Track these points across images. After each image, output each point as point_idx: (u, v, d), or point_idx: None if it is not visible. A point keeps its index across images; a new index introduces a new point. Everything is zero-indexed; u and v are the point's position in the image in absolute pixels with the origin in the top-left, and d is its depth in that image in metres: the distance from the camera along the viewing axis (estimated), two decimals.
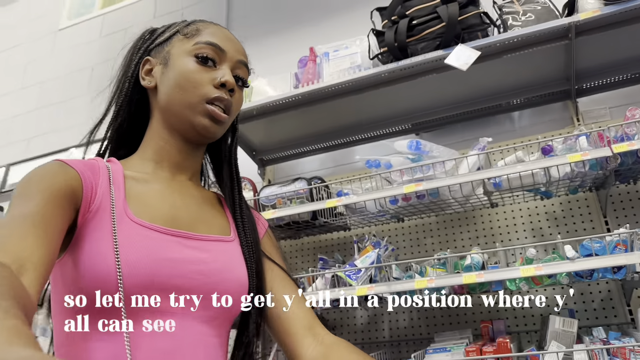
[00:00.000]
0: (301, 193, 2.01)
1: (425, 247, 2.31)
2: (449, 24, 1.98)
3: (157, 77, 0.94)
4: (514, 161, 1.80)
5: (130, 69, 0.97)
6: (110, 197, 0.83)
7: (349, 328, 2.33)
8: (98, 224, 0.79)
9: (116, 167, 0.88)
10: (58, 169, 0.78)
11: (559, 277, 1.63)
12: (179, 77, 0.90)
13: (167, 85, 0.91)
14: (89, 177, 0.81)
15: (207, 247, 0.87)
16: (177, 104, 0.90)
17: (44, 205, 0.71)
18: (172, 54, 0.93)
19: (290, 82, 2.30)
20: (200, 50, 0.91)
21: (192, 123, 0.90)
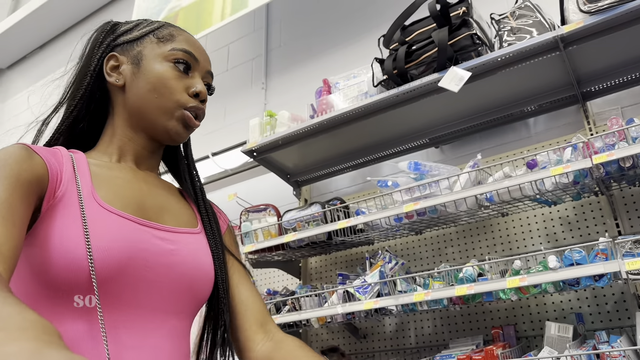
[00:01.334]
0: (316, 216, 2.22)
1: (447, 257, 2.43)
2: (440, 48, 2.09)
3: (127, 76, 0.93)
4: (501, 177, 1.89)
5: (92, 63, 0.95)
6: (76, 182, 0.81)
7: (379, 335, 2.50)
8: (65, 210, 0.77)
9: (79, 155, 0.88)
10: (24, 154, 0.76)
11: (544, 286, 1.71)
12: (155, 81, 0.91)
13: (140, 87, 0.92)
14: (53, 163, 0.80)
15: (176, 239, 0.88)
16: (151, 107, 0.91)
17: (10, 194, 0.69)
18: (145, 56, 0.93)
19: (307, 112, 2.51)
20: (177, 57, 0.93)
21: (165, 127, 0.92)
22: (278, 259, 2.59)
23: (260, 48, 3.70)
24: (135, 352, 0.78)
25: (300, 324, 2.27)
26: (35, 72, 5.69)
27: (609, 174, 1.75)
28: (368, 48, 2.93)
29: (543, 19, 2.06)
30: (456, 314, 2.33)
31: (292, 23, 3.66)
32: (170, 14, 3.76)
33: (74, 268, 0.74)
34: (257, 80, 3.61)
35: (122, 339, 0.77)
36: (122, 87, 0.94)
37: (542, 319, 2.11)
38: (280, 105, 3.30)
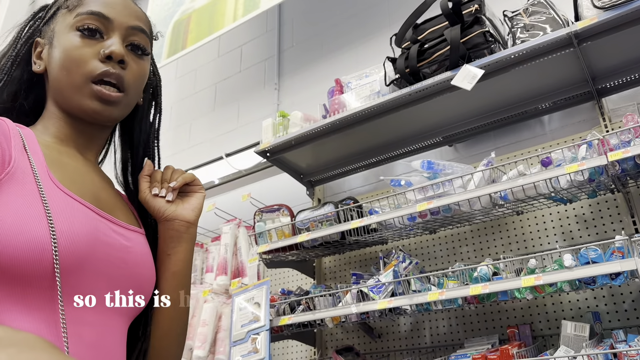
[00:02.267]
0: (330, 216, 2.22)
1: (461, 256, 2.41)
2: (452, 46, 2.08)
3: (45, 59, 0.85)
4: (516, 175, 1.88)
5: (16, 50, 0.86)
6: (29, 159, 0.72)
7: (394, 335, 2.49)
8: (18, 189, 0.68)
9: (26, 131, 0.78)
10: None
11: (560, 285, 1.69)
12: (62, 57, 0.81)
13: (53, 68, 0.82)
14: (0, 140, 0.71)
15: (128, 236, 0.82)
16: (64, 87, 0.81)
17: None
18: (55, 32, 0.84)
19: (319, 112, 2.51)
20: (82, 22, 0.82)
21: (81, 107, 0.81)
22: (292, 258, 2.60)
23: (272, 49, 3.71)
24: (94, 350, 0.71)
25: (314, 323, 2.27)
26: None
27: (625, 171, 1.73)
28: (380, 47, 2.92)
29: (556, 15, 2.05)
30: (471, 314, 2.31)
31: (304, 23, 3.67)
32: (183, 16, 3.79)
33: (35, 250, 0.64)
34: (270, 80, 3.62)
35: (82, 336, 0.70)
36: (46, 73, 0.86)
37: (558, 318, 2.09)
38: (293, 105, 3.31)
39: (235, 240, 2.89)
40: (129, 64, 0.84)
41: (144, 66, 0.88)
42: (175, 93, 4.25)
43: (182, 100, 4.18)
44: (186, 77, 4.24)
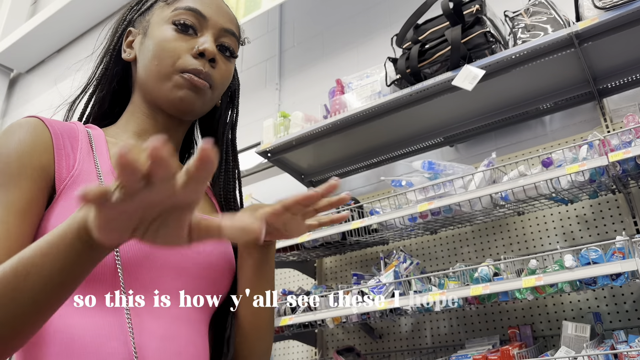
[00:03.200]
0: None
1: (462, 257, 2.41)
2: (453, 46, 2.08)
3: (137, 48, 0.89)
4: (517, 175, 1.88)
5: (112, 41, 0.93)
6: (94, 160, 0.77)
7: (395, 335, 2.49)
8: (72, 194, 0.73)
9: (97, 132, 0.83)
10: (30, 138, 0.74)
11: (560, 286, 1.69)
12: (155, 47, 0.84)
13: (144, 57, 0.86)
14: (62, 143, 0.76)
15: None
16: (153, 75, 0.85)
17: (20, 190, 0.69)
18: (151, 23, 0.88)
19: (320, 112, 2.51)
20: (178, 17, 0.85)
21: (167, 96, 0.84)
22: (293, 259, 2.60)
23: (274, 49, 3.72)
24: (166, 342, 0.73)
25: (315, 324, 2.27)
26: (53, 76, 5.78)
27: (626, 171, 1.73)
28: (381, 47, 2.93)
29: (557, 15, 2.05)
30: (472, 314, 2.31)
31: (305, 23, 3.67)
32: None
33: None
34: (271, 81, 3.62)
35: (151, 328, 0.72)
36: (135, 61, 0.89)
37: (559, 319, 2.09)
38: (294, 105, 3.32)
39: None
40: (218, 63, 0.86)
41: (230, 68, 0.90)
42: None
43: None
44: None
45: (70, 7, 5.13)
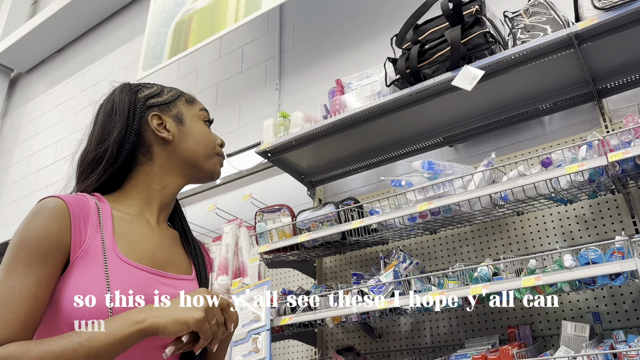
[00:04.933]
0: (330, 216, 2.23)
1: (462, 256, 2.42)
2: (453, 46, 2.09)
3: (174, 132, 1.12)
4: (516, 175, 1.88)
5: (134, 121, 1.09)
6: (101, 236, 0.95)
7: (394, 335, 2.50)
8: (89, 262, 0.91)
9: (105, 206, 1.01)
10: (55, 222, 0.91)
11: (560, 285, 1.70)
12: (202, 137, 1.15)
13: (188, 142, 1.13)
14: (78, 222, 0.93)
15: (177, 285, 1.03)
16: (199, 156, 1.14)
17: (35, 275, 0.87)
18: (185, 116, 1.16)
19: (320, 113, 2.52)
20: (206, 117, 1.20)
21: (211, 170, 1.17)
22: (293, 259, 2.60)
23: (274, 49, 3.72)
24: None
25: (315, 323, 2.28)
26: (53, 76, 5.78)
27: (625, 171, 1.73)
28: (380, 48, 2.94)
29: (557, 16, 2.05)
30: (472, 314, 2.32)
31: (305, 24, 3.67)
32: (184, 17, 3.80)
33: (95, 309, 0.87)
34: (271, 81, 3.63)
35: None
36: (164, 142, 1.11)
37: (558, 318, 2.09)
38: (294, 105, 3.32)
39: (237, 241, 2.90)
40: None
41: None
42: None
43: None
44: (187, 78, 4.24)
45: (70, 7, 5.14)
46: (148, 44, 3.95)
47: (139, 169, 1.10)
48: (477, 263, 2.11)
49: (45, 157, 5.19)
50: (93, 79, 5.20)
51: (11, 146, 5.80)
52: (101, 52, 5.29)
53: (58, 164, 5.00)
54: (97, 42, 5.42)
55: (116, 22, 5.34)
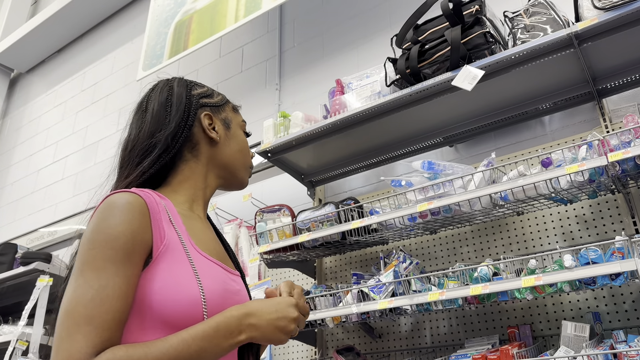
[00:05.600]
0: (330, 216, 2.23)
1: (462, 256, 2.42)
2: (453, 46, 2.09)
3: (221, 135, 1.14)
4: (516, 175, 1.88)
5: (189, 117, 1.09)
6: (176, 232, 0.95)
7: (394, 335, 2.50)
8: (173, 258, 0.91)
9: (167, 202, 1.00)
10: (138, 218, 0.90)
11: (560, 285, 1.70)
12: (242, 146, 1.19)
13: (231, 147, 1.16)
14: (155, 217, 0.93)
15: (237, 280, 1.05)
16: (238, 163, 1.17)
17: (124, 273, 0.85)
18: (231, 122, 1.18)
19: (320, 113, 2.52)
20: (245, 128, 1.24)
21: (242, 179, 1.19)
22: (293, 259, 2.60)
23: (274, 49, 3.72)
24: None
25: (315, 323, 2.28)
26: (53, 76, 5.79)
27: (625, 171, 1.73)
28: (381, 48, 2.93)
29: (557, 16, 2.05)
30: (472, 314, 2.32)
31: (305, 24, 3.67)
32: (184, 17, 3.80)
33: (191, 305, 0.87)
34: (271, 81, 3.63)
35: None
36: (211, 141, 1.12)
37: (558, 318, 2.09)
38: (294, 105, 3.32)
39: (237, 241, 2.90)
40: None
41: None
42: None
43: None
44: (188, 78, 4.23)
45: (70, 7, 5.14)
46: (148, 44, 3.95)
47: (185, 165, 1.10)
48: (477, 263, 2.11)
49: (45, 157, 5.20)
50: (93, 79, 5.20)
51: (11, 146, 5.80)
52: (101, 52, 5.29)
53: (58, 164, 5.00)
54: (97, 42, 5.42)
55: (116, 22, 5.34)
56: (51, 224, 4.47)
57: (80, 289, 0.82)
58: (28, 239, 4.69)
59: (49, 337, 3.14)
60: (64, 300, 0.83)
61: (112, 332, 0.81)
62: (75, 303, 0.81)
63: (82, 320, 0.79)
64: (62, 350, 0.78)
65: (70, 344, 0.77)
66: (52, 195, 4.85)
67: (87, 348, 0.77)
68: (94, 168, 4.56)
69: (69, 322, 0.79)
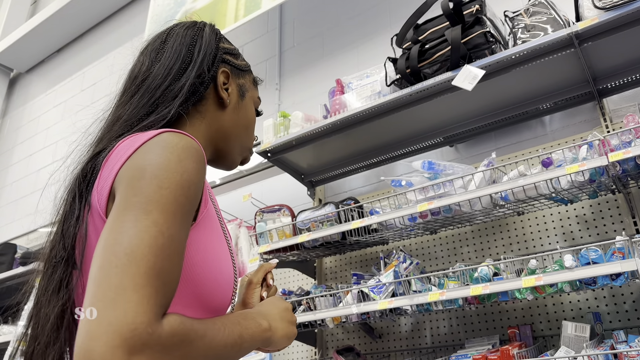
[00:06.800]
0: (330, 216, 2.23)
1: (462, 256, 2.41)
2: (453, 46, 2.08)
3: (232, 100, 0.99)
4: (517, 175, 1.88)
5: (211, 68, 0.95)
6: (209, 196, 0.85)
7: (394, 335, 2.49)
8: (211, 226, 0.81)
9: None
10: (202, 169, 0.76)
11: (560, 286, 1.69)
12: (249, 121, 1.04)
13: (238, 118, 1.00)
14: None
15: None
16: (238, 139, 1.01)
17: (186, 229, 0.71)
18: (247, 92, 1.04)
19: (320, 112, 2.51)
20: (258, 106, 1.09)
21: (233, 159, 1.03)
22: (293, 259, 2.60)
23: (274, 49, 3.72)
24: None
25: (315, 323, 2.27)
26: (53, 76, 5.78)
27: (626, 171, 1.73)
28: (381, 47, 2.93)
29: (557, 15, 2.04)
30: (472, 314, 2.31)
31: (305, 23, 3.67)
32: (184, 16, 3.80)
33: (228, 286, 0.82)
34: (271, 81, 3.62)
35: None
36: (219, 102, 0.97)
37: (559, 319, 2.09)
38: (294, 105, 3.32)
39: (237, 241, 2.89)
40: None
41: None
42: None
43: None
44: None
45: (70, 7, 5.14)
46: None
47: (188, 120, 0.92)
48: (478, 263, 2.11)
49: (45, 157, 5.19)
50: (93, 79, 5.20)
51: (11, 146, 5.79)
52: (101, 52, 5.29)
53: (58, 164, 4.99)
54: (97, 42, 5.42)
55: (116, 22, 5.33)
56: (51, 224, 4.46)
57: (151, 232, 0.64)
58: (28, 239, 4.69)
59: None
60: (122, 238, 0.63)
61: (173, 295, 0.66)
62: (144, 247, 0.62)
63: (151, 272, 0.61)
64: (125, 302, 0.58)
65: (138, 298, 0.59)
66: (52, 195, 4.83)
67: (156, 307, 0.61)
68: None
69: (134, 269, 0.60)
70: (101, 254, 0.63)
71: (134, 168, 0.72)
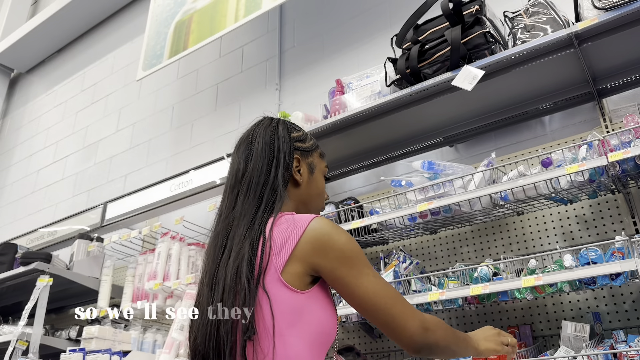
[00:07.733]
0: (330, 216, 2.23)
1: (462, 256, 2.42)
2: (453, 46, 2.09)
3: (304, 178, 1.26)
4: (516, 175, 1.88)
5: (287, 159, 1.23)
6: None
7: None
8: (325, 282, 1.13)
9: None
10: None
11: (560, 285, 1.70)
12: (320, 190, 1.31)
13: (311, 190, 1.29)
14: None
15: None
16: (314, 205, 1.30)
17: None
18: (316, 167, 1.31)
19: (320, 113, 2.52)
20: (326, 173, 1.35)
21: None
22: None
23: (274, 49, 3.72)
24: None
25: None
26: (53, 76, 5.79)
27: (625, 171, 1.73)
28: (381, 48, 2.93)
29: (557, 16, 2.05)
30: (472, 314, 2.32)
31: (305, 24, 3.67)
32: (184, 17, 3.80)
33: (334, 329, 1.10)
34: (271, 81, 3.63)
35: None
36: (294, 182, 1.24)
37: (558, 318, 2.09)
38: (294, 105, 3.32)
39: None
40: None
41: None
42: (177, 93, 4.26)
43: (183, 101, 4.19)
44: (188, 78, 4.24)
45: (70, 7, 5.14)
46: (148, 44, 3.95)
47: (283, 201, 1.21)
48: (477, 263, 2.11)
49: (45, 157, 5.20)
50: (93, 79, 5.21)
51: (11, 146, 5.80)
52: (101, 52, 5.29)
53: (58, 164, 5.00)
54: (97, 42, 5.42)
55: (116, 22, 5.34)
56: (51, 224, 4.46)
57: (382, 282, 1.09)
58: (28, 239, 4.68)
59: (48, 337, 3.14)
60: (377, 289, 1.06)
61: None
62: (390, 290, 1.08)
63: (401, 298, 1.09)
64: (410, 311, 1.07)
65: (412, 310, 1.08)
66: (52, 195, 4.85)
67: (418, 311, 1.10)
68: (93, 168, 4.56)
69: (399, 300, 1.08)
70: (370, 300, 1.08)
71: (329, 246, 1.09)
